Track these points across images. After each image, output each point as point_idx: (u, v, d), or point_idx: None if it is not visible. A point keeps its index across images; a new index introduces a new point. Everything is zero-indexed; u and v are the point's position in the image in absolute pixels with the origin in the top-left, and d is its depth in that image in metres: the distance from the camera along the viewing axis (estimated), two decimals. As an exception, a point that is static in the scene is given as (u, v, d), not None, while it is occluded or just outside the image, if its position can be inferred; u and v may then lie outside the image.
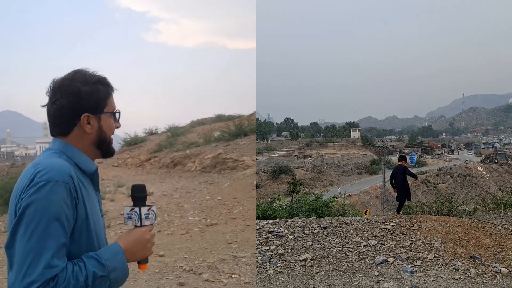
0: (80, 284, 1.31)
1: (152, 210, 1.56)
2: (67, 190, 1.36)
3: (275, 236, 7.12)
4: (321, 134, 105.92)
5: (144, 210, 1.53)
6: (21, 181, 1.40)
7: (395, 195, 8.81)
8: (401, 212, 8.82)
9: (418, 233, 6.98)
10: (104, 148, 1.59)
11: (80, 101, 1.48)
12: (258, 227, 7.63)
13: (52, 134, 1.55)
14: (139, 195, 1.56)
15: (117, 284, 1.44)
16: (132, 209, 1.53)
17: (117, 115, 1.61)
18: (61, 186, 1.34)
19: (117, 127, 1.63)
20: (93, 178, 1.57)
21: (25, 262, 1.27)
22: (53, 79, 1.51)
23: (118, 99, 1.71)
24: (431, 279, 5.54)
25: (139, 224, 1.51)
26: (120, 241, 1.48)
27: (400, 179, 8.43)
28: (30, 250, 1.27)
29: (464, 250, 6.36)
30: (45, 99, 1.56)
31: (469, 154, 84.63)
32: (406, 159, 9.30)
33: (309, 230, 7.32)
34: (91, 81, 1.51)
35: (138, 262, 1.55)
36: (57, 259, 1.29)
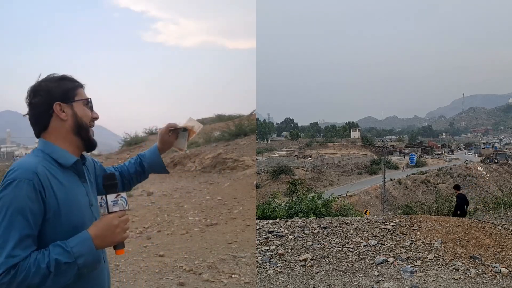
0: (42, 271, 1.39)
1: (122, 197, 1.60)
2: (30, 186, 1.46)
3: (275, 236, 7.12)
4: (321, 134, 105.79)
5: (111, 197, 1.58)
6: None
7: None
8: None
9: (418, 233, 6.98)
10: (83, 134, 1.68)
11: (50, 94, 1.62)
12: (258, 227, 7.63)
13: (36, 136, 1.68)
14: (107, 183, 1.62)
15: (88, 268, 1.52)
16: (101, 198, 1.60)
17: (89, 104, 1.72)
18: (24, 183, 1.45)
19: (95, 117, 1.74)
20: (76, 170, 1.67)
21: None
22: (27, 90, 1.66)
23: (119, 99, 1.83)
24: (431, 279, 5.54)
25: (106, 211, 1.57)
26: (90, 229, 1.54)
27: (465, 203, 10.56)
28: None
29: (464, 250, 6.36)
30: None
31: (469, 155, 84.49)
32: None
33: (309, 230, 7.32)
34: (56, 78, 1.67)
35: (114, 248, 1.60)
36: (19, 249, 1.40)
